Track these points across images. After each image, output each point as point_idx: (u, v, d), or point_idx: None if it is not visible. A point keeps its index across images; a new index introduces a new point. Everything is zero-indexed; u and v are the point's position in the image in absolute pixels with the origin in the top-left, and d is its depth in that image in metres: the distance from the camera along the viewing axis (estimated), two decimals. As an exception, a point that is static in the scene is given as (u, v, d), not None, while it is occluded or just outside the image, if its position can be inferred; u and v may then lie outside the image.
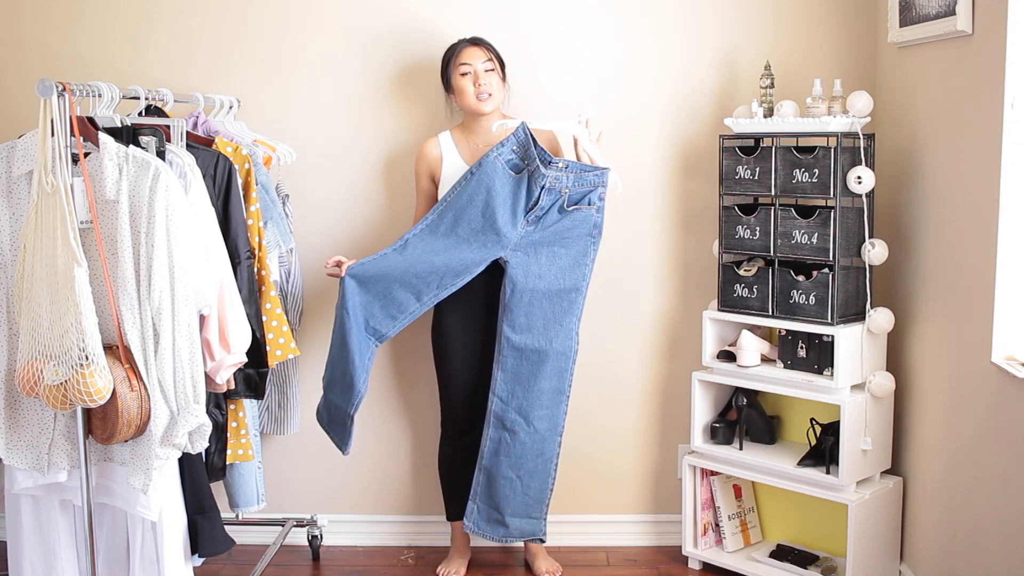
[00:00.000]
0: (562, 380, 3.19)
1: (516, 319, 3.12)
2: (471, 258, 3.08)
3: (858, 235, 3.06)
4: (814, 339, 3.11)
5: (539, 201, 3.06)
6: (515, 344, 3.14)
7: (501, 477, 3.21)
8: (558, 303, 3.14)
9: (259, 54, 3.47)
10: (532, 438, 3.18)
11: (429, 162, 3.25)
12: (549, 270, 3.12)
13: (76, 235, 2.37)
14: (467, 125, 3.25)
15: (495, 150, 3.04)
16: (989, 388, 2.59)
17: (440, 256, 3.07)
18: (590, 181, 3.08)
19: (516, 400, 3.17)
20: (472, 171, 3.06)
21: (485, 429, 3.21)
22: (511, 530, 3.26)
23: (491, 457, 3.21)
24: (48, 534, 2.68)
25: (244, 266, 2.80)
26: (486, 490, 3.25)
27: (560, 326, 3.14)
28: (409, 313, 3.12)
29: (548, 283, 3.12)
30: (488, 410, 3.20)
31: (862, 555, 3.06)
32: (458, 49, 3.16)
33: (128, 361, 2.45)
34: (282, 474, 3.65)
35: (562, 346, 3.15)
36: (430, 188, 3.28)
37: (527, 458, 3.20)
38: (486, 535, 3.28)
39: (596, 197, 3.11)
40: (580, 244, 3.13)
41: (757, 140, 3.17)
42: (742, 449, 3.30)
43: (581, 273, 3.15)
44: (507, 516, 3.25)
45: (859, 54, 3.37)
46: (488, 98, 3.14)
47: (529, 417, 3.17)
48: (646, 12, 3.42)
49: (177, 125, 2.72)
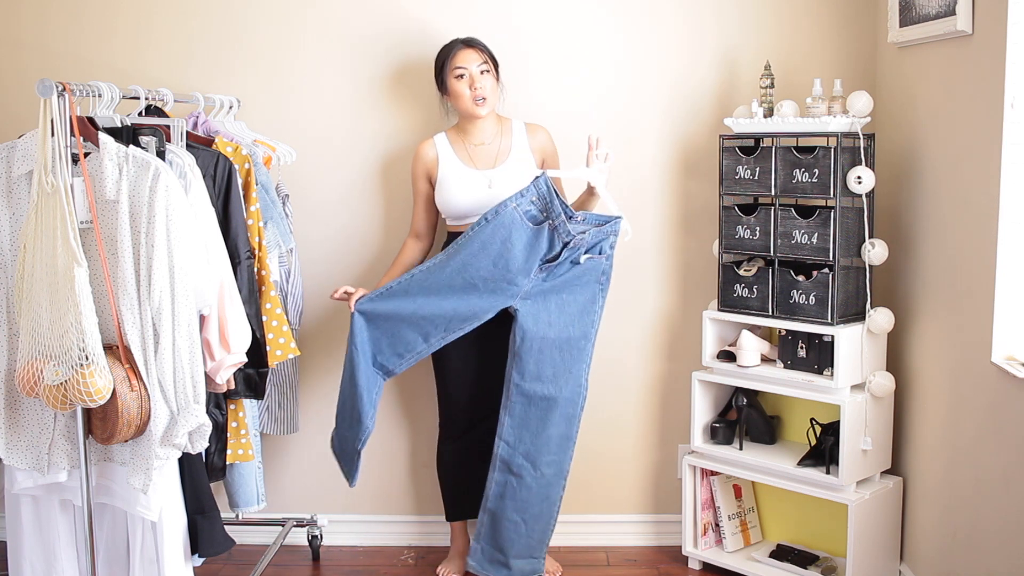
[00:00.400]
0: (570, 427, 3.16)
1: (526, 367, 3.09)
2: (480, 305, 3.05)
3: (858, 235, 3.06)
4: (814, 339, 3.11)
5: (560, 256, 3.03)
6: (524, 391, 3.10)
7: (506, 520, 3.18)
8: (568, 351, 3.10)
9: (259, 54, 3.47)
10: (538, 483, 3.16)
11: (425, 164, 3.24)
12: (559, 318, 3.09)
13: (76, 235, 2.37)
14: (462, 126, 3.24)
15: (514, 199, 2.99)
16: (989, 388, 2.59)
17: (449, 301, 3.05)
18: (604, 231, 3.06)
19: (524, 445, 3.14)
20: (487, 218, 3.00)
21: (491, 472, 3.17)
22: (513, 572, 3.23)
23: (496, 500, 3.18)
24: (48, 534, 2.68)
25: (244, 266, 2.80)
26: (490, 532, 3.22)
27: (570, 373, 3.11)
28: (416, 352, 3.11)
29: (558, 331, 3.08)
30: (494, 454, 3.16)
31: (862, 555, 3.06)
32: (452, 51, 3.14)
33: (128, 361, 2.45)
34: (282, 474, 3.65)
35: (571, 393, 3.12)
36: (427, 190, 3.26)
37: (533, 502, 3.17)
38: (488, 574, 3.26)
39: (608, 246, 3.08)
40: (589, 291, 3.10)
41: (757, 140, 3.17)
42: (742, 449, 3.31)
43: (590, 320, 3.11)
44: (511, 559, 3.22)
45: (859, 54, 3.37)
46: (484, 102, 3.13)
47: (537, 463, 3.15)
48: (646, 12, 3.42)
49: (177, 125, 2.72)
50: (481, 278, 3.03)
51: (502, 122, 3.25)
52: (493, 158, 3.19)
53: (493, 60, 3.17)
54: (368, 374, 3.10)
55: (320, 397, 3.60)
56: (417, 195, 3.29)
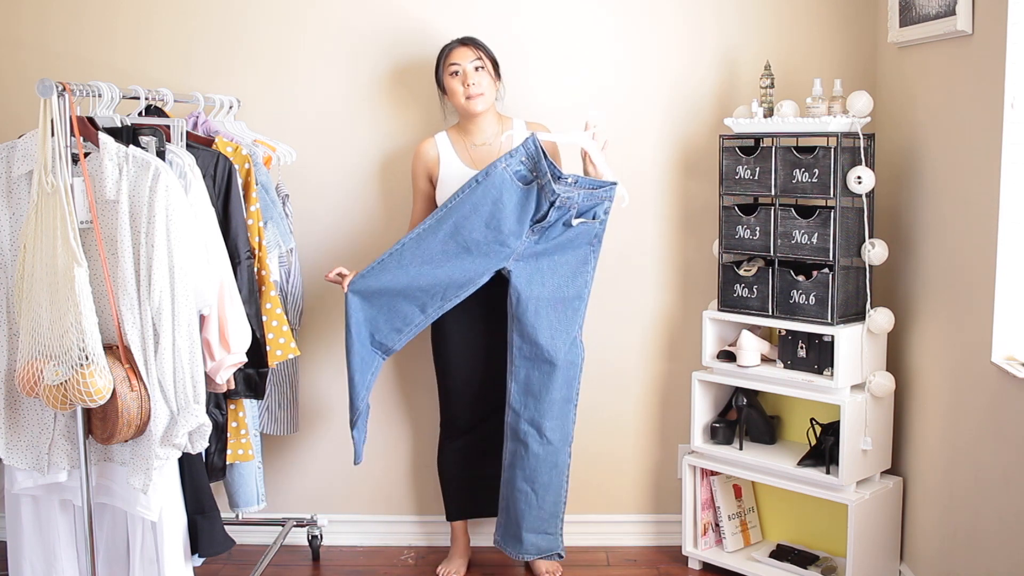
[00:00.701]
0: (570, 389, 3.18)
1: (524, 328, 3.10)
2: (474, 269, 3.05)
3: (858, 235, 3.06)
4: (814, 339, 3.11)
5: (547, 216, 3.03)
6: (526, 354, 3.12)
7: (517, 491, 3.19)
8: (562, 311, 3.12)
9: (259, 54, 3.47)
10: (545, 449, 3.16)
11: (426, 163, 3.24)
12: (552, 278, 3.10)
13: (76, 235, 2.37)
14: (463, 126, 3.24)
15: (503, 160, 3.00)
16: (989, 388, 2.59)
17: (443, 268, 3.04)
18: (598, 196, 3.06)
19: (528, 411, 3.15)
20: (478, 179, 3.01)
21: (504, 442, 3.20)
22: (526, 546, 3.24)
23: (508, 470, 3.20)
24: (48, 534, 2.68)
25: (244, 266, 2.80)
26: (506, 503, 3.24)
27: (566, 334, 3.12)
28: (415, 325, 3.11)
29: (552, 291, 3.10)
30: (505, 423, 3.18)
31: (862, 555, 3.06)
32: (448, 50, 3.16)
33: (128, 361, 2.45)
34: (282, 474, 3.65)
35: (569, 354, 3.14)
36: (428, 189, 3.27)
37: (541, 470, 3.18)
38: (507, 550, 3.27)
39: (602, 211, 3.09)
40: (580, 252, 3.11)
41: (757, 140, 3.17)
42: (742, 449, 3.30)
43: (583, 280, 3.13)
44: (523, 532, 3.23)
45: (859, 54, 3.37)
46: (478, 97, 3.12)
47: (541, 428, 3.15)
48: (646, 12, 3.42)
49: (177, 125, 2.72)
50: (474, 241, 3.03)
51: (503, 121, 3.25)
52: (494, 158, 3.19)
53: (490, 57, 3.17)
54: (363, 355, 3.10)
55: (320, 397, 3.60)
56: (417, 192, 3.29)
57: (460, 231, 3.03)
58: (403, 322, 3.10)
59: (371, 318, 3.10)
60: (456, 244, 3.04)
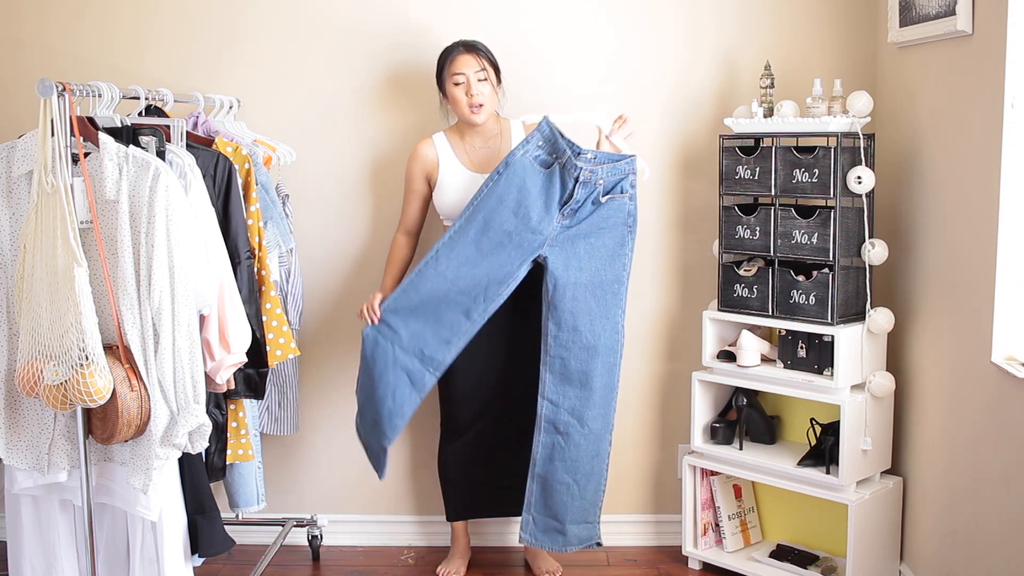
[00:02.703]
0: (612, 376, 3.10)
1: (562, 316, 3.03)
2: (511, 262, 3.00)
3: (858, 235, 3.06)
4: (814, 339, 3.11)
5: (574, 194, 2.98)
6: (563, 342, 3.04)
7: (558, 483, 3.12)
8: (602, 296, 3.05)
9: (259, 54, 3.47)
10: (587, 439, 3.10)
11: (425, 165, 3.22)
12: (589, 262, 3.03)
13: (76, 235, 2.37)
14: (461, 128, 3.23)
15: (521, 147, 2.97)
16: (989, 388, 2.59)
17: (480, 267, 2.99)
18: (622, 169, 3.01)
19: (568, 401, 3.08)
20: (499, 171, 2.98)
21: (536, 434, 3.10)
22: (569, 538, 3.18)
23: (545, 464, 3.12)
24: (48, 534, 2.68)
25: (244, 266, 2.80)
26: (541, 499, 3.16)
27: (607, 319, 3.05)
28: (462, 333, 3.04)
29: (590, 275, 3.03)
30: (538, 415, 3.09)
31: (862, 555, 3.06)
32: (452, 56, 3.12)
33: (128, 361, 2.45)
34: (282, 474, 3.65)
35: (610, 340, 3.07)
36: (424, 191, 3.24)
37: (583, 460, 3.11)
38: (544, 546, 3.21)
39: (628, 184, 3.02)
40: (617, 233, 3.04)
41: (757, 140, 3.17)
42: (742, 449, 3.30)
43: (621, 263, 3.06)
44: (567, 524, 3.17)
45: (859, 54, 3.37)
46: (480, 109, 3.11)
47: (583, 418, 3.08)
48: (646, 12, 3.42)
49: (177, 125, 2.72)
50: (505, 232, 2.98)
51: (501, 123, 3.24)
52: (492, 160, 3.18)
53: (493, 65, 3.15)
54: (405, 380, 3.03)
55: (320, 397, 3.60)
56: (412, 193, 3.25)
57: (490, 225, 2.98)
58: (451, 331, 3.03)
59: (417, 333, 3.03)
60: (489, 240, 2.99)
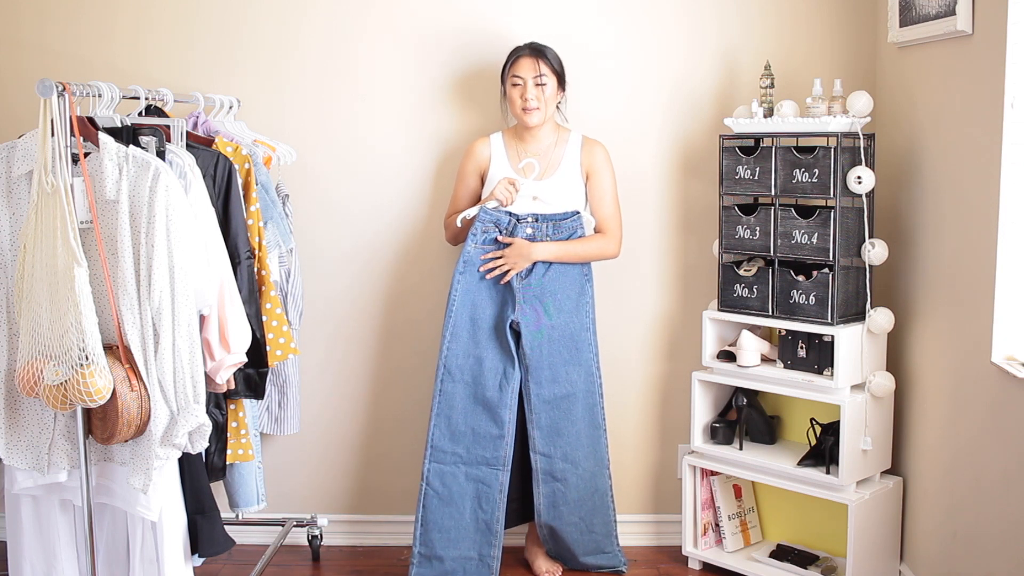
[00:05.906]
0: (594, 415, 3.26)
1: (540, 373, 3.17)
2: (498, 326, 3.16)
3: (858, 235, 3.06)
4: (814, 339, 3.11)
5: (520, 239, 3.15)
6: (545, 398, 3.18)
7: (566, 525, 3.26)
8: (573, 347, 3.20)
9: (259, 54, 3.47)
10: (583, 479, 3.24)
11: (478, 162, 3.28)
12: (558, 317, 3.18)
13: (76, 235, 2.37)
14: (519, 131, 3.26)
15: (470, 241, 3.15)
16: (989, 388, 2.59)
17: (483, 360, 3.16)
18: (568, 227, 3.17)
19: (560, 450, 3.21)
20: (459, 270, 3.16)
21: (536, 487, 3.22)
22: (588, 568, 3.35)
23: (549, 511, 3.24)
24: (48, 534, 2.68)
25: (244, 266, 2.80)
26: (553, 542, 3.31)
27: (579, 366, 3.21)
28: (496, 437, 3.17)
29: (560, 330, 3.18)
30: (534, 469, 3.21)
31: (862, 555, 3.06)
32: (516, 57, 3.17)
33: (128, 361, 2.45)
34: (282, 474, 3.65)
35: (587, 384, 3.23)
36: (476, 187, 3.30)
37: (584, 499, 3.26)
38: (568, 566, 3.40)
39: (576, 238, 3.19)
40: (575, 283, 3.21)
41: (757, 140, 3.17)
42: (742, 449, 3.30)
43: (585, 311, 3.22)
44: (581, 557, 3.33)
45: (859, 54, 3.37)
46: (534, 111, 3.15)
47: (576, 461, 3.23)
48: (646, 12, 3.42)
49: (177, 125, 2.72)
50: (487, 314, 3.17)
51: (559, 132, 3.26)
52: (543, 169, 3.20)
53: (556, 73, 3.18)
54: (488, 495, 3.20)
55: (320, 397, 3.60)
56: (464, 189, 3.31)
57: (476, 315, 3.17)
58: (487, 436, 3.18)
59: (459, 455, 3.19)
60: (476, 327, 3.16)
